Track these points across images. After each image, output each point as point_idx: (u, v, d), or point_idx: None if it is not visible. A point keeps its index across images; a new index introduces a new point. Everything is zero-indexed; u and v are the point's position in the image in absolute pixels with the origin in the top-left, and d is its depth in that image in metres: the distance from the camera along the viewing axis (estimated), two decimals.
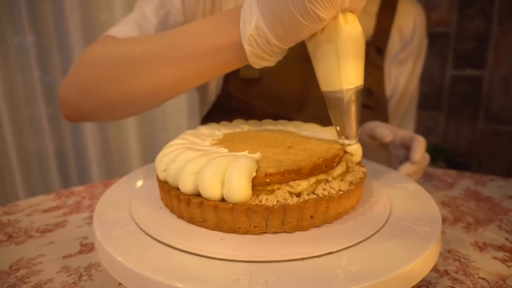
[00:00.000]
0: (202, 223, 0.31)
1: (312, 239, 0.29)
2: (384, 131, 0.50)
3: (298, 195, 0.30)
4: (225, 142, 0.37)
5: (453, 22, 1.65)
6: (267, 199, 0.29)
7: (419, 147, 0.46)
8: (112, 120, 0.53)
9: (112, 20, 1.28)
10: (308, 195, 0.30)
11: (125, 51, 0.43)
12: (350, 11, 0.32)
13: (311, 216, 0.30)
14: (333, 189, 0.31)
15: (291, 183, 0.30)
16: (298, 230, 0.30)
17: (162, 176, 0.33)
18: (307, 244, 0.28)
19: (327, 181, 0.32)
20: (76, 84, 0.48)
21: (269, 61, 0.37)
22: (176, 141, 0.37)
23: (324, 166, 0.31)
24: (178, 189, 0.31)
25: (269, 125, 0.45)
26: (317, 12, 0.30)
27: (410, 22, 0.67)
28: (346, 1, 0.30)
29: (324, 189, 0.31)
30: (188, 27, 0.41)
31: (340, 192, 0.31)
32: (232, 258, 0.26)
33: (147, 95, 0.44)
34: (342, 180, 0.33)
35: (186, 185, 0.30)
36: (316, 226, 0.31)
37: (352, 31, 0.32)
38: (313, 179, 0.31)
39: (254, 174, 0.29)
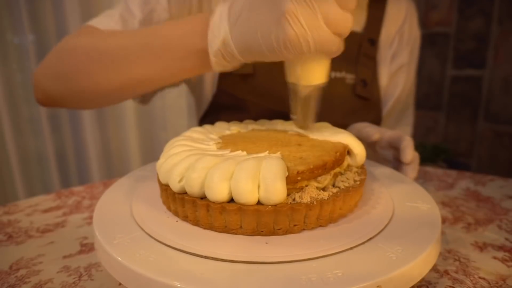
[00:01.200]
0: (237, 230, 0.29)
1: (313, 240, 0.29)
2: (371, 130, 0.51)
3: (323, 189, 0.31)
4: (231, 144, 0.37)
5: (453, 22, 1.65)
6: (300, 196, 0.29)
7: (408, 147, 0.46)
8: (83, 109, 0.56)
9: None
10: (331, 188, 0.32)
11: (101, 45, 0.45)
12: None
13: (340, 208, 0.31)
14: (349, 180, 0.33)
15: (318, 178, 0.31)
16: (330, 223, 0.31)
17: (177, 187, 0.31)
18: (308, 246, 0.28)
19: (340, 173, 0.34)
20: (51, 71, 0.49)
21: (231, 68, 0.39)
22: (177, 149, 0.35)
23: (341, 160, 0.33)
24: (201, 198, 0.30)
25: (255, 125, 0.45)
26: (283, 52, 0.32)
27: (401, 13, 0.67)
28: (312, 48, 0.31)
29: (343, 181, 0.33)
30: (160, 28, 0.43)
31: (357, 182, 0.33)
32: (231, 259, 0.26)
33: (118, 89, 0.45)
34: (350, 172, 0.35)
35: (220, 193, 0.28)
36: (322, 226, 0.31)
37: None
38: (332, 173, 0.32)
39: (287, 173, 0.29)
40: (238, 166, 0.29)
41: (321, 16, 0.30)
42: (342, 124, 0.48)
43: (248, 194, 0.28)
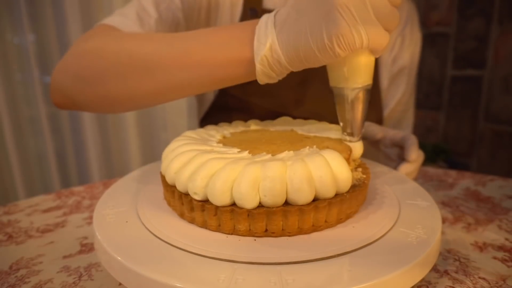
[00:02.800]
0: (325, 225, 0.30)
1: (320, 241, 0.29)
2: (375, 128, 0.51)
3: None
4: (254, 149, 0.35)
5: (453, 22, 1.65)
6: None
7: (413, 145, 0.46)
8: (107, 113, 0.52)
9: None
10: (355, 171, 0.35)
11: (132, 48, 0.42)
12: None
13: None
14: (357, 161, 0.37)
15: (351, 162, 0.35)
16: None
17: (226, 200, 0.28)
18: (314, 247, 0.28)
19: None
20: (73, 73, 0.46)
21: (274, 80, 0.37)
22: (215, 163, 0.30)
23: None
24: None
25: (230, 129, 0.45)
26: (335, 49, 0.30)
27: (403, 16, 0.67)
28: (365, 42, 0.30)
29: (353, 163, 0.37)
30: (200, 34, 0.40)
31: (364, 163, 0.38)
32: (231, 259, 0.26)
33: (150, 95, 0.43)
34: None
35: (308, 195, 0.28)
36: (330, 227, 0.31)
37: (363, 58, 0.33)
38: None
39: None
40: (311, 165, 0.29)
41: (372, 10, 0.29)
42: None
43: (330, 187, 0.29)
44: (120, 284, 0.32)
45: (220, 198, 0.28)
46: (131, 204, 0.35)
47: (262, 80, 0.37)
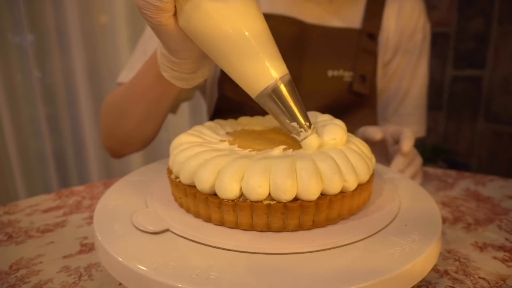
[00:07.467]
0: (338, 218, 0.30)
1: (318, 235, 0.29)
2: (373, 129, 0.50)
3: None
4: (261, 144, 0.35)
5: (453, 22, 1.65)
6: None
7: (407, 138, 0.45)
8: (128, 152, 0.67)
9: (112, 21, 1.27)
10: None
11: (110, 100, 0.57)
12: None
13: None
14: None
15: None
16: None
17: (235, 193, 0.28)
18: (314, 240, 0.28)
19: None
20: (103, 131, 0.62)
21: (190, 81, 0.41)
22: (224, 159, 0.29)
23: None
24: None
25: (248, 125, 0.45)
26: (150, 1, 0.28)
27: (408, 8, 0.68)
28: None
29: None
30: (139, 69, 0.50)
31: None
32: (234, 249, 0.26)
33: (139, 124, 0.54)
34: None
35: (352, 183, 0.29)
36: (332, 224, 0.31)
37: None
38: None
39: None
40: (335, 161, 0.30)
41: None
42: None
43: (354, 181, 0.30)
44: (120, 284, 0.32)
45: (228, 191, 0.27)
46: (132, 203, 0.35)
47: (178, 83, 0.41)
